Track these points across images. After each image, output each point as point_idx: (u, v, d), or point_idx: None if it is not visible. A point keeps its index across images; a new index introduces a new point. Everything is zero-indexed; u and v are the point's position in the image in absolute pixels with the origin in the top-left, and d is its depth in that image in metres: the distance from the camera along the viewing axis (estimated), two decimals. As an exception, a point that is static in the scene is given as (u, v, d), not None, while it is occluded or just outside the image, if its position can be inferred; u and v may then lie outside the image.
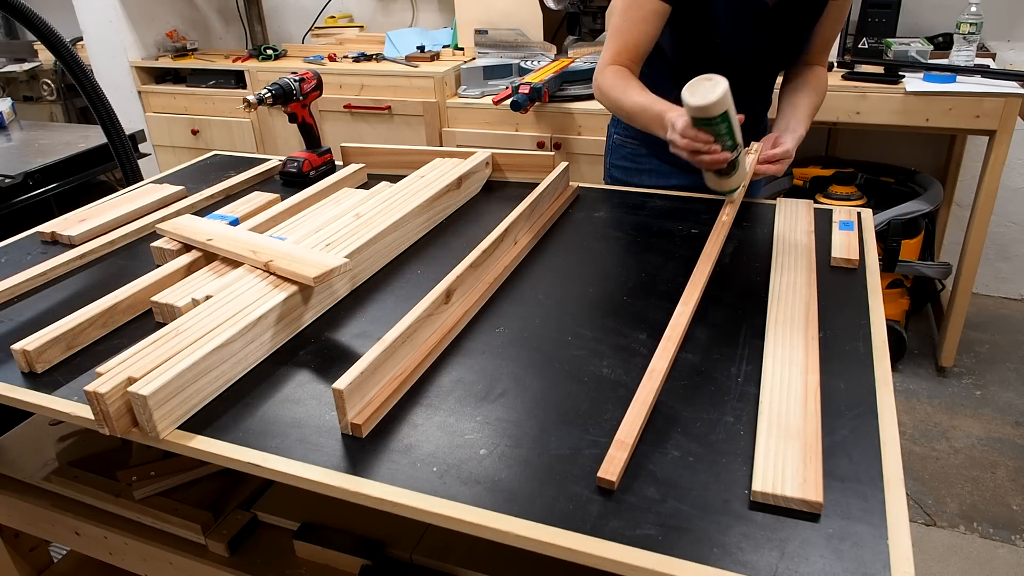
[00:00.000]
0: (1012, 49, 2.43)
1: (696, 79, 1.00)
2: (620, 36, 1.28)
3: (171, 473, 1.06)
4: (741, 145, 1.09)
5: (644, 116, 1.22)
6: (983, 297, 2.79)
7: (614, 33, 1.29)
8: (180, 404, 0.80)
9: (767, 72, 1.41)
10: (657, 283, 1.05)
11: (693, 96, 0.99)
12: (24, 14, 1.53)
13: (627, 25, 1.27)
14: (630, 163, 1.49)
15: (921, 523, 1.79)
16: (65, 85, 3.34)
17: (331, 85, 2.60)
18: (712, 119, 1.02)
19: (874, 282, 1.03)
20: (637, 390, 0.80)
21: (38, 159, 2.02)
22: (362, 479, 0.71)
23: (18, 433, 1.23)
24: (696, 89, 1.00)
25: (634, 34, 1.27)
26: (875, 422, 0.76)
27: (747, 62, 1.33)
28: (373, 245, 1.11)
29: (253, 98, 1.44)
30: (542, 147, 2.38)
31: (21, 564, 1.26)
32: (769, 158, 1.26)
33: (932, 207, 2.21)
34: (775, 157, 1.25)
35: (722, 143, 1.06)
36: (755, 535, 0.63)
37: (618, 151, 1.51)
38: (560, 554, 0.64)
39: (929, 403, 2.21)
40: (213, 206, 1.41)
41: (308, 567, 0.96)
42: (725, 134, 1.05)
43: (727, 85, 0.98)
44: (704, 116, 1.01)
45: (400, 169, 1.49)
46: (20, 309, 1.08)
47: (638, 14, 1.25)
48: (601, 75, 1.30)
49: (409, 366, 0.86)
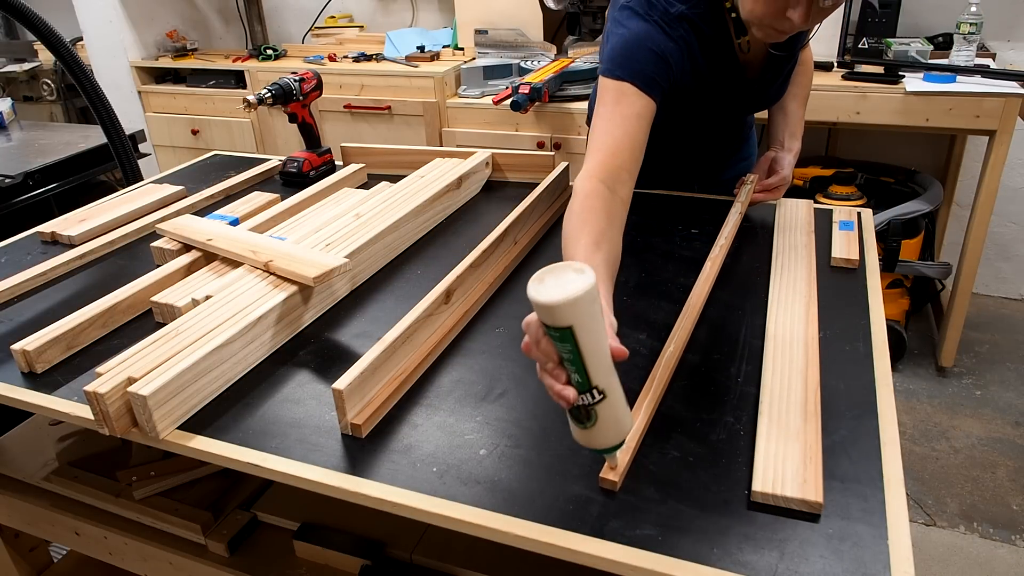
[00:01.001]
0: (1012, 49, 2.43)
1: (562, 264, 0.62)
2: (606, 137, 1.00)
3: (171, 473, 1.06)
4: (607, 392, 0.65)
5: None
6: (983, 297, 2.79)
7: (598, 136, 1.00)
8: (180, 404, 0.80)
9: (745, 121, 1.40)
10: (657, 283, 1.05)
11: (540, 284, 0.60)
12: (24, 14, 1.53)
13: (615, 122, 1.00)
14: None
15: (921, 523, 1.79)
16: (65, 85, 3.33)
17: (331, 85, 2.60)
18: (554, 330, 0.61)
19: (874, 282, 1.03)
20: (641, 392, 0.80)
21: (38, 159, 2.02)
22: (362, 479, 0.71)
23: (18, 433, 1.23)
24: (552, 276, 0.61)
25: (623, 131, 1.00)
26: (875, 422, 0.76)
27: (731, 121, 1.33)
28: (373, 245, 1.11)
29: (253, 98, 1.44)
30: (542, 147, 2.38)
31: (21, 564, 1.26)
32: (766, 187, 1.25)
33: (932, 207, 2.21)
34: (771, 186, 1.25)
35: (567, 371, 0.64)
36: (755, 535, 0.63)
37: None
38: (560, 554, 0.64)
39: (929, 403, 2.21)
40: (213, 206, 1.41)
41: (308, 567, 0.96)
42: (570, 360, 0.63)
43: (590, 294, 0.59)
44: (545, 321, 0.61)
45: (400, 169, 1.49)
46: (20, 309, 1.08)
47: (628, 111, 1.01)
48: (583, 187, 0.94)
49: (409, 366, 0.86)
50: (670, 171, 1.38)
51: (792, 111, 1.33)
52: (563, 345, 0.63)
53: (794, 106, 1.33)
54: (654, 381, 0.81)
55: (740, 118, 1.39)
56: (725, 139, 1.42)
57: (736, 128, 1.42)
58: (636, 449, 0.72)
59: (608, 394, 0.65)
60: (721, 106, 1.24)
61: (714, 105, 1.22)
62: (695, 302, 0.97)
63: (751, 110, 1.33)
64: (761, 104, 1.29)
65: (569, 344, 0.62)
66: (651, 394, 0.79)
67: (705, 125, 1.32)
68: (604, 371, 0.65)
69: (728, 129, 1.40)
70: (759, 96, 1.25)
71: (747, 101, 1.25)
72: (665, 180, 1.38)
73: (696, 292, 0.99)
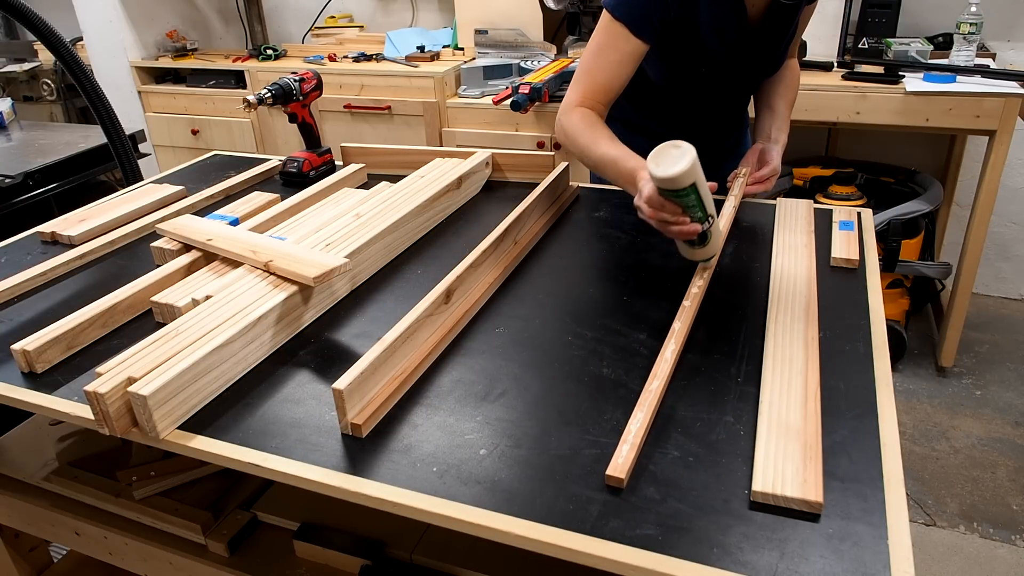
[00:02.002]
0: (1012, 49, 2.43)
1: (662, 146, 0.90)
2: (591, 77, 1.20)
3: (171, 473, 1.06)
4: (713, 215, 0.97)
5: (613, 170, 1.13)
6: (983, 297, 2.79)
7: (585, 74, 1.21)
8: (180, 404, 0.80)
9: (748, 88, 1.41)
10: (657, 283, 1.05)
11: (658, 166, 0.89)
12: (24, 14, 1.53)
13: (601, 66, 1.18)
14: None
15: (921, 523, 1.79)
16: (65, 85, 3.34)
17: (331, 85, 2.60)
18: (679, 191, 0.91)
19: (874, 282, 1.03)
20: (644, 386, 0.80)
21: (38, 159, 2.02)
22: (362, 479, 0.71)
23: (18, 433, 1.23)
24: (661, 158, 0.89)
25: (608, 75, 1.18)
26: (875, 422, 0.76)
27: (731, 82, 1.33)
28: (373, 245, 1.11)
29: (253, 98, 1.44)
30: (542, 147, 2.38)
31: (21, 564, 1.26)
32: (758, 179, 1.26)
33: (932, 207, 2.21)
34: (763, 177, 1.26)
35: (691, 214, 0.95)
36: (755, 535, 0.63)
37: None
38: (560, 554, 0.64)
39: (929, 403, 2.21)
40: (213, 206, 1.41)
41: (308, 567, 0.96)
42: (694, 205, 0.94)
43: (695, 155, 0.88)
44: (671, 188, 0.91)
45: (400, 169, 1.49)
46: (20, 309, 1.08)
47: (615, 56, 1.17)
48: (567, 117, 1.21)
49: (409, 366, 0.86)
50: None
51: (779, 110, 1.36)
52: (687, 199, 0.92)
53: (782, 105, 1.36)
54: (658, 370, 0.81)
55: (738, 88, 1.38)
56: (723, 123, 1.43)
57: (734, 113, 1.43)
58: (640, 448, 0.72)
59: (714, 216, 0.98)
60: (721, 57, 1.24)
61: (714, 54, 1.23)
62: (695, 295, 0.98)
63: (749, 71, 1.32)
64: (759, 65, 1.31)
65: (693, 195, 0.92)
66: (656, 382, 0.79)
67: (705, 88, 1.31)
68: (711, 202, 0.96)
69: (726, 109, 1.41)
70: (759, 50, 1.26)
71: (746, 55, 1.26)
72: None
73: (694, 287, 1.01)
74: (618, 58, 1.17)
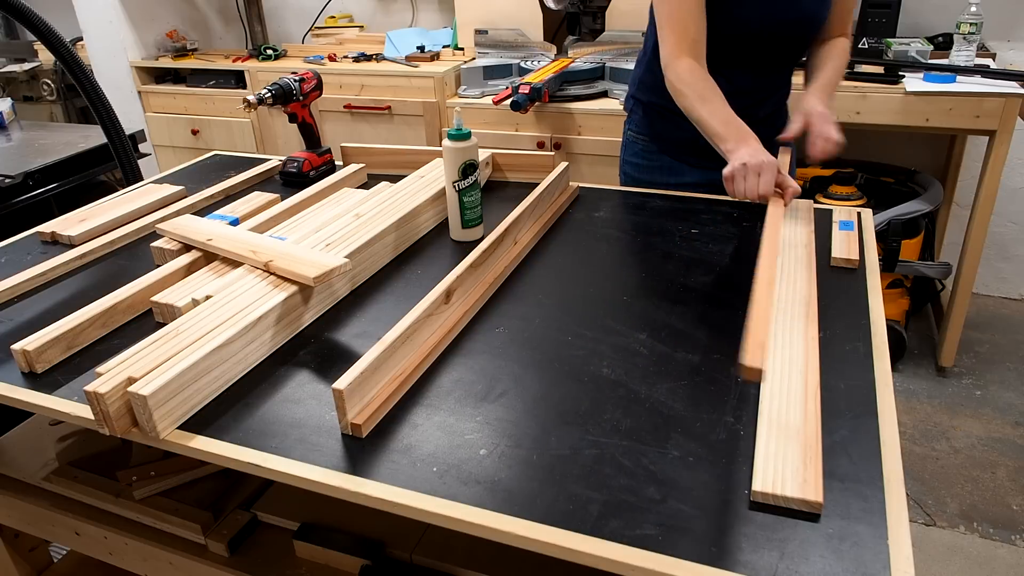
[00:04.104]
0: (1012, 49, 2.43)
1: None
2: (677, 23, 1.22)
3: (171, 473, 1.06)
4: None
5: (724, 130, 1.16)
6: (983, 297, 2.79)
7: (669, 21, 1.23)
8: (180, 404, 0.80)
9: (788, 50, 1.36)
10: (657, 283, 1.05)
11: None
12: (24, 14, 1.53)
13: (680, 11, 1.22)
14: (642, 160, 1.49)
15: (921, 523, 1.79)
16: (65, 85, 3.34)
17: (331, 85, 2.60)
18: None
19: (874, 282, 1.03)
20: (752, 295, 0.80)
21: (38, 159, 2.02)
22: (362, 479, 0.71)
23: (18, 433, 1.23)
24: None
25: (692, 16, 1.22)
26: (875, 422, 0.76)
27: (768, 36, 1.29)
28: (373, 245, 1.11)
29: (253, 98, 1.44)
30: (542, 147, 2.38)
31: (21, 564, 1.26)
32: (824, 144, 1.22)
33: (932, 207, 2.21)
34: (830, 140, 1.22)
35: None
36: (755, 535, 0.63)
37: (630, 148, 1.52)
38: (560, 554, 0.64)
39: (929, 403, 2.21)
40: (213, 206, 1.41)
41: (308, 567, 0.96)
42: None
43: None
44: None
45: (400, 169, 1.49)
46: (20, 309, 1.08)
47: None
48: (674, 69, 1.24)
49: (409, 366, 0.86)
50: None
51: (825, 77, 1.32)
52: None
53: (828, 71, 1.32)
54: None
55: (775, 48, 1.34)
56: (760, 88, 1.38)
57: (770, 78, 1.39)
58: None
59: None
60: (759, 3, 1.24)
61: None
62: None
63: (789, 21, 1.29)
64: (799, 13, 1.27)
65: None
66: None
67: (744, 39, 1.29)
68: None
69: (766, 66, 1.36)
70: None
71: (785, 3, 1.25)
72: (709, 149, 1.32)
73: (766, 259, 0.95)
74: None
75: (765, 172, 1.04)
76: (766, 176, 1.04)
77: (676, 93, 1.25)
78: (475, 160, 1.13)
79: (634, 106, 1.50)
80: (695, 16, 1.22)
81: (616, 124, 2.29)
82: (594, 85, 2.41)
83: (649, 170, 1.48)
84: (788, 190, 1.11)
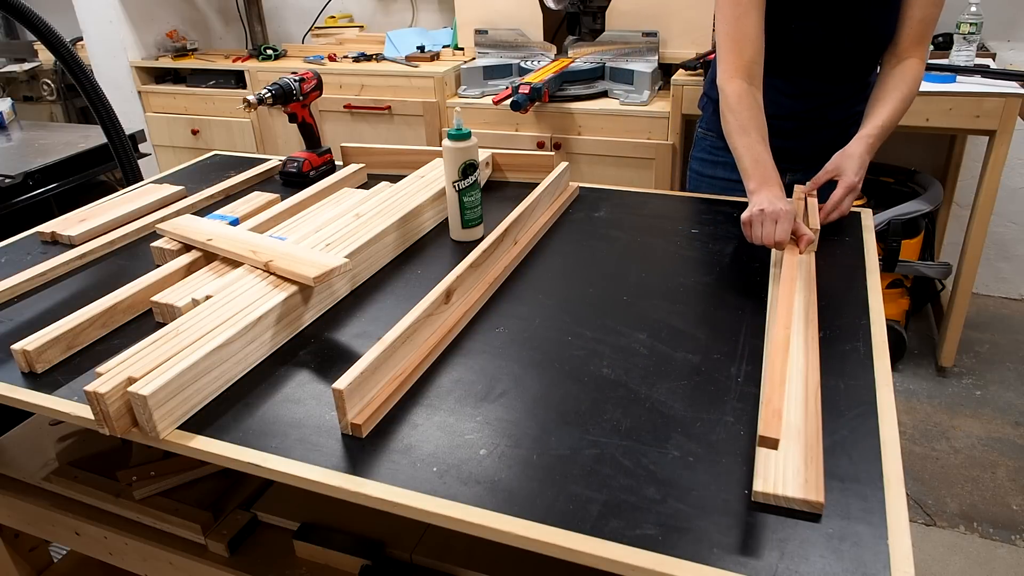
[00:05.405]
0: (1012, 49, 2.43)
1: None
2: (734, 44, 1.22)
3: (171, 473, 1.06)
4: None
5: (752, 169, 1.15)
6: (983, 297, 2.79)
7: (726, 41, 1.23)
8: (180, 404, 0.80)
9: (854, 61, 1.32)
10: (657, 283, 1.05)
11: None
12: (24, 14, 1.53)
13: (737, 32, 1.21)
14: (708, 155, 1.51)
15: (921, 523, 1.79)
16: (65, 85, 3.33)
17: (331, 85, 2.60)
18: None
19: (874, 282, 1.03)
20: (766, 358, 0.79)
21: (38, 159, 2.02)
22: (362, 479, 0.71)
23: (18, 433, 1.23)
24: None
25: (749, 38, 1.21)
26: (875, 422, 0.76)
27: (829, 49, 1.28)
28: (373, 245, 1.11)
29: (253, 98, 1.44)
30: (542, 147, 2.38)
31: (21, 564, 1.26)
32: (829, 208, 1.19)
33: (932, 207, 2.21)
34: (835, 203, 1.19)
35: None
36: (755, 535, 0.63)
37: (700, 144, 1.54)
38: (560, 554, 0.64)
39: (929, 403, 2.21)
40: (213, 206, 1.41)
41: (308, 567, 0.96)
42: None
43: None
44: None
45: (400, 169, 1.49)
46: (20, 309, 1.08)
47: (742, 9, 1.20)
48: (725, 91, 1.22)
49: (409, 366, 0.86)
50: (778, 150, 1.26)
51: (875, 111, 1.26)
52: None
53: (880, 107, 1.26)
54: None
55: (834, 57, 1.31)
56: (829, 94, 1.36)
57: (842, 82, 1.35)
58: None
59: None
60: (814, 13, 1.24)
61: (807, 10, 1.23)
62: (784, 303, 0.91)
63: (845, 33, 1.27)
64: (854, 24, 1.25)
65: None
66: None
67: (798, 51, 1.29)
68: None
69: (830, 76, 1.34)
70: (852, 8, 1.24)
71: (841, 13, 1.24)
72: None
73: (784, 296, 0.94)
74: (743, 10, 1.20)
75: (782, 220, 1.05)
76: (783, 224, 1.05)
77: (722, 115, 1.25)
78: (475, 160, 1.13)
79: (706, 103, 1.52)
80: (752, 37, 1.22)
81: (616, 124, 2.29)
82: (594, 85, 2.41)
83: (714, 165, 1.49)
84: (803, 238, 1.09)
